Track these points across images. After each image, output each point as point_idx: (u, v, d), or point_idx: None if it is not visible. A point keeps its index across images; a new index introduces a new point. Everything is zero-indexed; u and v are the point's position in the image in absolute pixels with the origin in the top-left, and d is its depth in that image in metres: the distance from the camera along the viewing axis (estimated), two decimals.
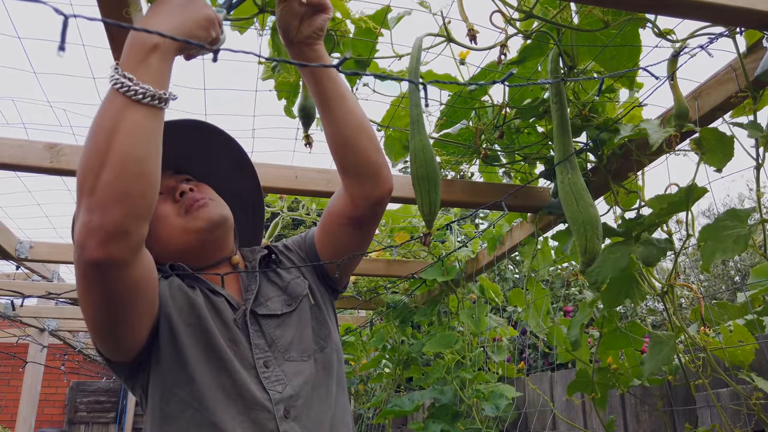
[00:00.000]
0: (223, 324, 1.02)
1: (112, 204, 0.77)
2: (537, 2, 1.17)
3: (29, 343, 4.76)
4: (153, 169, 0.81)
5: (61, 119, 1.69)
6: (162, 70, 0.81)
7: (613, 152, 1.63)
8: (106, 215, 0.77)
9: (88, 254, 0.79)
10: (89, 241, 0.78)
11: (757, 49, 1.28)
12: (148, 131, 0.80)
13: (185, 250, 1.06)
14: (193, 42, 0.82)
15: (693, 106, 1.43)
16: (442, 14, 1.24)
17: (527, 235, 2.16)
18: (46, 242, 2.53)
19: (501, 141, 1.73)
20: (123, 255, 0.81)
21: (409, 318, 3.07)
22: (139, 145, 0.79)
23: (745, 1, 1.10)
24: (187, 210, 1.06)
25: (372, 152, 1.07)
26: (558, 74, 1.37)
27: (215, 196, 1.12)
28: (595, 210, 1.26)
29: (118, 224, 0.78)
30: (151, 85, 0.79)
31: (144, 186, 0.80)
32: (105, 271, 0.81)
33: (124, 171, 0.77)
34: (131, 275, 0.85)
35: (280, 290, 1.12)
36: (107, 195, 0.77)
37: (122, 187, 0.77)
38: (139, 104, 0.78)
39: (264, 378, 0.99)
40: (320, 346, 1.08)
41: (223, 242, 1.10)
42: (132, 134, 0.78)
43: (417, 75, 1.21)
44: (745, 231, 1.19)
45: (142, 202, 0.80)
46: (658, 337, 1.41)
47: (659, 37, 1.29)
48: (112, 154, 0.77)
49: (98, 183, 0.77)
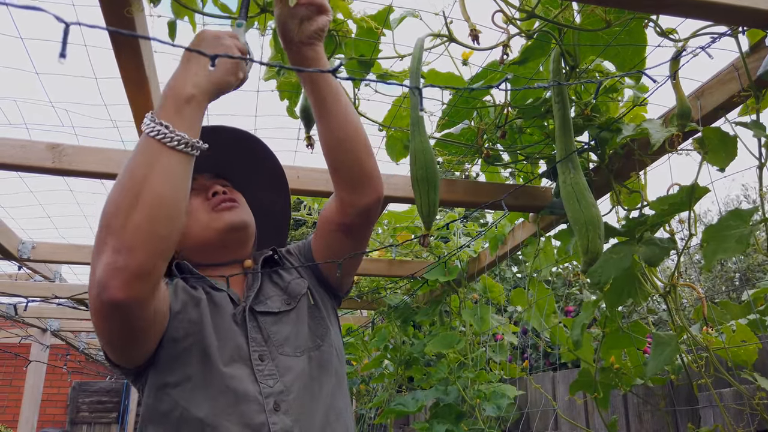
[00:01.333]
0: (221, 318, 1.04)
1: (140, 245, 0.80)
2: (539, 2, 1.17)
3: (31, 343, 4.77)
4: (180, 213, 0.86)
5: (63, 120, 1.69)
6: (195, 119, 0.88)
7: (615, 151, 1.63)
8: (132, 256, 0.80)
9: (109, 294, 0.81)
10: (113, 281, 0.80)
11: (760, 48, 1.28)
12: (180, 176, 0.85)
13: (204, 244, 1.12)
14: (227, 91, 0.92)
15: (695, 105, 1.43)
16: (444, 14, 1.24)
17: (529, 234, 2.16)
18: (49, 242, 2.53)
19: (503, 141, 1.73)
20: (144, 295, 0.84)
21: (410, 318, 3.06)
22: (171, 188, 0.83)
23: (748, 1, 1.10)
24: (214, 208, 1.13)
25: (364, 158, 1.06)
26: (560, 74, 1.36)
27: (244, 203, 1.18)
28: (596, 210, 1.26)
29: (142, 265, 0.81)
30: (186, 133, 0.85)
31: (171, 229, 0.84)
32: (125, 310, 0.84)
33: (155, 213, 0.81)
34: (149, 310, 0.89)
35: (280, 290, 1.14)
36: (136, 236, 0.80)
37: (151, 228, 0.81)
38: (173, 150, 0.84)
39: (258, 371, 1.00)
40: (316, 344, 1.08)
41: (240, 245, 1.15)
42: (166, 178, 0.83)
43: (418, 76, 1.21)
44: (747, 231, 1.19)
45: (167, 244, 0.84)
46: (660, 337, 1.40)
47: (661, 37, 1.29)
48: (145, 195, 0.81)
49: (128, 223, 0.80)
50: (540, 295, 2.06)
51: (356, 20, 1.32)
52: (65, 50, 0.46)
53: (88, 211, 2.65)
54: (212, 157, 1.10)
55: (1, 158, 1.57)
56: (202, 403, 0.95)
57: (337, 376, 1.09)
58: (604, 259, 1.41)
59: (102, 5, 1.04)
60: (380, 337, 3.30)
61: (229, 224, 1.11)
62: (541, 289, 2.09)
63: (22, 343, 4.57)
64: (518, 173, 2.02)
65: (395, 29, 1.40)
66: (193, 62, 0.89)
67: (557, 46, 1.34)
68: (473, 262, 2.65)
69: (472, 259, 2.66)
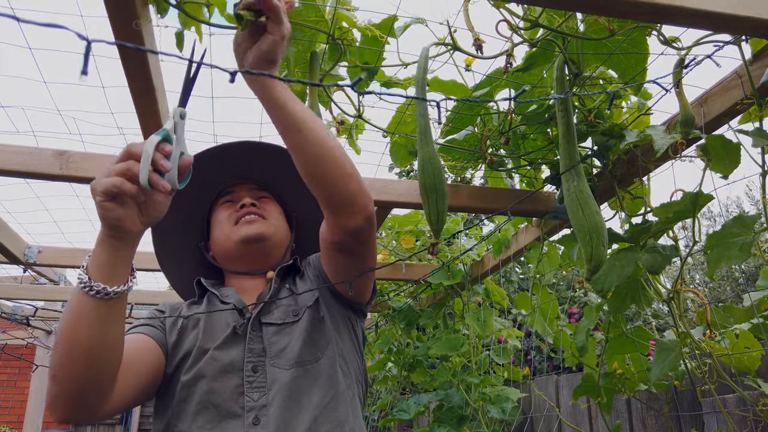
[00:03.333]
0: (216, 333, 1.08)
1: (65, 377, 0.84)
2: (542, 11, 1.17)
3: (36, 345, 4.79)
4: (100, 350, 0.85)
5: (71, 127, 1.71)
6: (107, 259, 0.83)
7: (619, 157, 1.63)
8: (64, 388, 0.84)
9: (57, 416, 0.87)
10: (54, 406, 0.86)
11: (763, 56, 1.28)
12: (90, 317, 0.83)
13: (225, 254, 1.21)
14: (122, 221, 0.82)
15: (699, 112, 1.43)
16: (448, 23, 1.25)
17: (533, 238, 2.17)
18: (55, 246, 2.55)
19: (507, 147, 1.74)
20: (85, 416, 0.89)
21: (414, 321, 3.07)
22: (78, 329, 0.83)
23: (750, 10, 1.10)
24: (236, 220, 1.19)
25: (341, 182, 0.98)
26: (564, 81, 1.37)
27: (273, 217, 1.23)
28: (600, 217, 1.27)
29: (76, 395, 0.85)
30: (97, 278, 0.82)
31: (90, 364, 0.84)
32: (80, 420, 0.90)
33: (68, 351, 0.83)
34: (107, 412, 0.92)
35: (292, 300, 1.16)
36: (59, 369, 0.84)
37: (70, 364, 0.84)
38: (81, 293, 0.83)
39: (247, 383, 1.02)
40: (315, 357, 1.08)
41: (259, 257, 1.20)
42: (74, 319, 0.83)
43: (424, 85, 1.22)
44: (750, 238, 1.20)
45: (90, 376, 0.85)
46: (664, 343, 1.41)
47: (665, 45, 1.29)
48: (60, 335, 0.84)
49: (54, 357, 0.85)
50: (544, 299, 2.07)
51: (361, 29, 1.33)
52: (87, 67, 0.47)
53: (93, 216, 2.67)
54: (259, 169, 1.22)
55: (10, 165, 1.58)
56: (186, 420, 1.00)
57: (338, 388, 1.07)
58: (608, 266, 1.42)
59: (111, 18, 1.05)
60: (384, 339, 3.31)
61: (244, 237, 1.17)
62: (544, 293, 2.09)
63: (27, 344, 4.59)
64: (522, 178, 2.03)
65: (399, 37, 1.41)
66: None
67: (561, 54, 1.35)
68: (477, 265, 2.66)
69: (475, 262, 2.66)
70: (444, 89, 1.59)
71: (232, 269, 1.23)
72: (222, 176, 1.28)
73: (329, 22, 1.28)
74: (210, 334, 1.09)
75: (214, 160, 1.25)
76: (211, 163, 1.24)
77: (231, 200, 1.25)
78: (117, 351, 0.89)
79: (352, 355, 1.16)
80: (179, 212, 1.27)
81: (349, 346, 1.16)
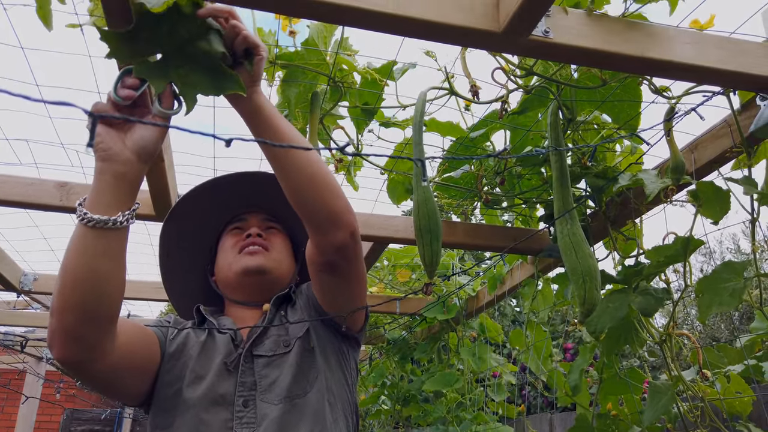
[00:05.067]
0: (209, 364, 1.09)
1: (67, 310, 0.85)
2: (536, 61, 1.21)
3: (26, 373, 4.74)
4: (102, 284, 0.87)
5: (73, 159, 1.73)
6: (105, 190, 0.85)
7: (612, 199, 1.66)
8: (61, 319, 0.85)
9: (53, 353, 0.88)
10: (53, 341, 0.87)
11: (751, 106, 1.32)
12: (92, 249, 0.85)
13: (227, 282, 1.22)
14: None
15: (689, 157, 1.47)
16: (446, 70, 1.29)
17: (527, 275, 2.18)
18: (50, 274, 2.55)
19: (502, 186, 1.76)
20: (80, 356, 0.89)
21: (408, 354, 3.06)
22: (83, 260, 0.85)
23: (737, 65, 1.14)
24: (240, 250, 1.20)
25: (329, 200, 1.00)
26: (558, 126, 1.41)
27: (277, 250, 1.23)
28: (593, 260, 1.28)
29: (72, 328, 0.86)
30: (91, 210, 0.85)
31: (92, 296, 0.86)
32: (74, 366, 0.91)
33: (69, 282, 0.85)
34: (101, 368, 0.93)
35: (283, 330, 1.16)
36: (60, 301, 0.85)
37: (72, 295, 0.85)
38: (82, 225, 0.85)
39: (237, 417, 1.02)
40: (304, 391, 1.08)
41: (259, 289, 1.20)
42: (77, 251, 0.85)
43: (421, 128, 1.25)
44: (740, 284, 1.22)
45: (91, 310, 0.87)
46: (657, 386, 1.41)
47: (655, 94, 1.33)
48: (63, 265, 0.86)
49: (57, 289, 0.86)
50: (538, 337, 2.07)
51: (361, 72, 1.37)
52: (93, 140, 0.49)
53: None
54: (270, 200, 1.22)
55: (12, 196, 1.60)
56: None
57: (324, 423, 1.07)
58: (601, 307, 1.43)
59: None
60: (378, 372, 3.29)
61: (244, 268, 1.17)
62: (539, 331, 2.10)
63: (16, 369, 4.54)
64: (517, 216, 2.05)
65: (398, 80, 1.45)
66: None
67: (555, 101, 1.39)
68: (472, 300, 2.66)
69: (470, 297, 2.67)
70: (441, 130, 1.62)
71: (232, 298, 1.23)
72: (234, 203, 1.29)
73: (330, 65, 1.32)
74: (205, 360, 1.09)
75: (229, 185, 1.27)
76: (225, 188, 1.26)
77: (240, 228, 1.26)
78: (113, 286, 0.88)
79: (342, 388, 1.16)
80: (189, 235, 1.29)
81: (338, 377, 1.16)
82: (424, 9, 0.97)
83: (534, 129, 1.55)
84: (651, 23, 1.12)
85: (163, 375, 1.07)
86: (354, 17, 0.96)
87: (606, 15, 1.09)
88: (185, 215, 1.28)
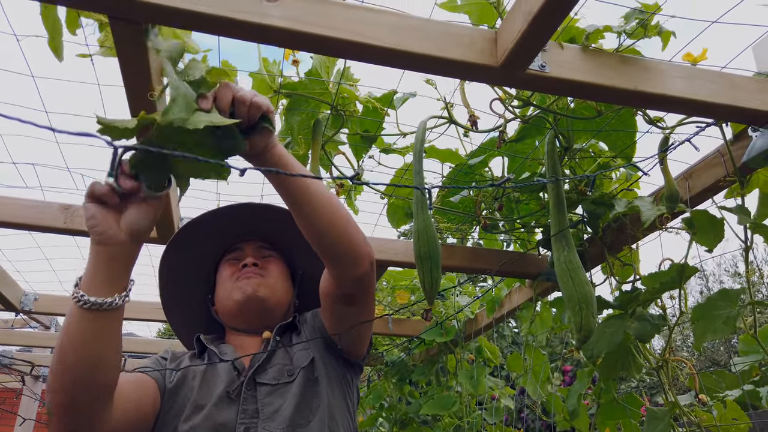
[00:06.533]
0: (211, 392, 1.10)
1: (63, 388, 0.87)
2: (533, 93, 1.25)
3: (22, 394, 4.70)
4: (92, 362, 0.87)
5: (78, 183, 1.76)
6: (99, 271, 0.86)
7: (609, 225, 1.69)
8: (53, 397, 0.88)
9: (53, 427, 0.90)
10: (51, 415, 0.89)
11: (743, 137, 1.35)
12: (82, 330, 0.86)
13: (226, 311, 1.24)
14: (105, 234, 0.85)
15: (684, 186, 1.49)
16: (445, 100, 1.32)
17: (526, 299, 2.20)
18: (51, 294, 2.56)
19: (500, 211, 1.79)
20: (78, 428, 0.90)
21: (407, 376, 3.06)
22: (73, 341, 0.86)
23: (728, 98, 1.17)
24: (237, 279, 1.23)
25: (346, 238, 1.03)
26: (554, 155, 1.44)
27: (274, 278, 1.26)
28: (589, 288, 1.30)
29: (64, 404, 0.88)
30: (88, 293, 0.85)
31: (82, 374, 0.87)
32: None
33: (63, 361, 0.86)
34: (101, 428, 0.94)
35: (287, 359, 1.17)
36: (54, 380, 0.87)
37: (63, 375, 0.87)
38: (76, 306, 0.86)
39: None
40: (306, 420, 1.09)
41: (258, 316, 1.22)
42: (68, 332, 0.86)
43: (421, 156, 1.27)
44: (734, 312, 1.24)
45: (81, 388, 0.88)
46: (654, 411, 1.42)
47: (650, 124, 1.36)
48: (57, 346, 0.88)
49: (52, 368, 0.88)
50: (536, 361, 2.08)
51: (362, 101, 1.40)
52: (114, 170, 0.52)
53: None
54: (265, 228, 1.27)
55: (17, 218, 1.63)
56: None
57: None
58: (598, 333, 1.45)
59: (127, 88, 1.12)
60: (375, 394, 3.28)
61: (240, 295, 1.20)
62: (537, 354, 2.11)
63: (12, 389, 4.51)
64: (515, 240, 2.08)
65: (399, 108, 1.48)
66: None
67: (552, 130, 1.42)
68: (470, 323, 2.67)
69: (469, 319, 2.68)
70: (440, 157, 1.65)
71: (232, 326, 1.26)
72: (230, 233, 1.32)
73: (333, 94, 1.35)
74: (206, 390, 1.10)
75: (223, 217, 1.29)
76: (219, 220, 1.29)
77: (236, 258, 1.29)
78: (109, 363, 0.89)
79: (343, 415, 1.16)
80: (188, 266, 1.31)
81: (341, 405, 1.17)
82: (422, 44, 1.00)
83: (532, 156, 1.58)
84: (644, 58, 1.16)
85: (163, 415, 1.08)
86: (354, 51, 0.99)
87: (601, 50, 1.12)
88: (183, 247, 1.31)
